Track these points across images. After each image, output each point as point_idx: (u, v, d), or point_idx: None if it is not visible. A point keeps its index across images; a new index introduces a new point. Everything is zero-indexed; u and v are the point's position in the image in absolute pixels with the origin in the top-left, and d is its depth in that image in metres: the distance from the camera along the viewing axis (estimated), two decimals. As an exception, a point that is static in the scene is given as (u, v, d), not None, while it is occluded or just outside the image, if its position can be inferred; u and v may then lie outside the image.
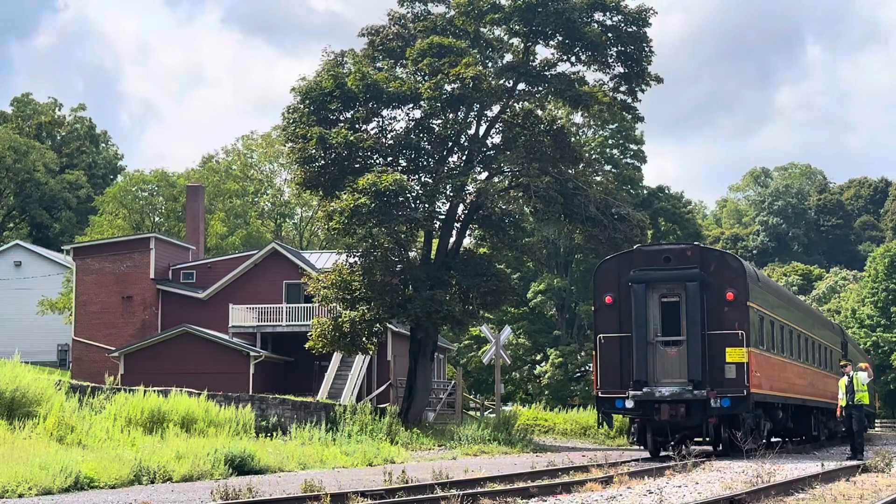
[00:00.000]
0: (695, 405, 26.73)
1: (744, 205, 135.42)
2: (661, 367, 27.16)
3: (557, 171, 38.89)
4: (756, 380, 27.33)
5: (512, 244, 41.17)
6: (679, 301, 27.29)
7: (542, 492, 16.61)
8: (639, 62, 40.06)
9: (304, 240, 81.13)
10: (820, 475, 18.99)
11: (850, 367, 27.83)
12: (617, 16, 39.72)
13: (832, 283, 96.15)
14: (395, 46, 40.64)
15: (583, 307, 65.05)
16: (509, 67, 40.21)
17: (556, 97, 41.49)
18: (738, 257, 30.10)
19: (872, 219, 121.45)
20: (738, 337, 26.82)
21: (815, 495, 16.11)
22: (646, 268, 27.64)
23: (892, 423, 72.98)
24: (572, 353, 65.75)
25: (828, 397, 36.69)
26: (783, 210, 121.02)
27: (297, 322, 49.85)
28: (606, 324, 27.99)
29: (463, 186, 38.19)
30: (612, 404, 27.51)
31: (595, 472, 20.82)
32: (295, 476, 21.08)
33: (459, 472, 20.40)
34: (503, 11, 39.41)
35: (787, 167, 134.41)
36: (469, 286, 38.62)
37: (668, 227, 70.25)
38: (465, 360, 69.29)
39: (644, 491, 16.68)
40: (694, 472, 21.10)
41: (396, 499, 14.99)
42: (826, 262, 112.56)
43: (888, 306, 75.34)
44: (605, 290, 28.14)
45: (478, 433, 35.68)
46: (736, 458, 25.40)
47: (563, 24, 38.62)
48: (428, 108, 38.28)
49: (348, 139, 37.06)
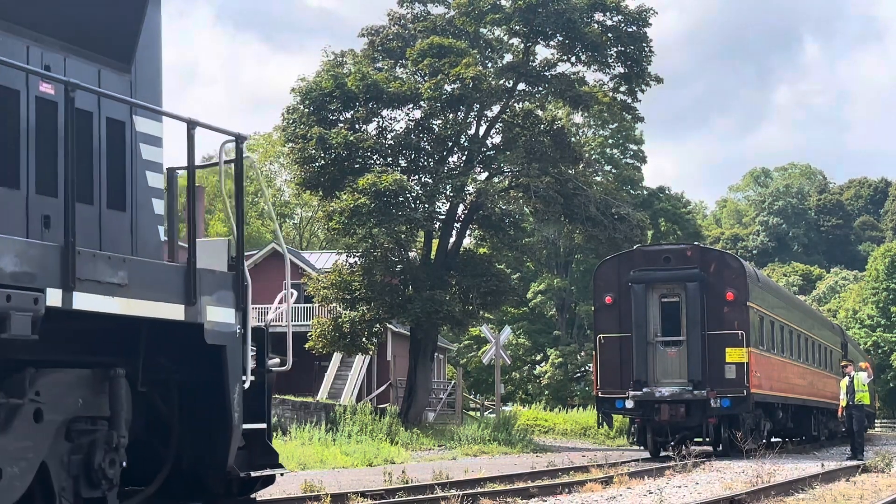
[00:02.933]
0: (695, 405, 26.74)
1: (744, 205, 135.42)
2: (661, 368, 27.18)
3: (557, 171, 38.88)
4: (756, 380, 27.35)
5: (512, 244, 41.14)
6: (679, 301, 27.30)
7: (542, 492, 16.62)
8: (639, 62, 40.09)
9: (304, 240, 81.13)
10: (820, 475, 19.00)
11: (852, 368, 27.84)
12: (617, 16, 39.75)
13: (832, 283, 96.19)
14: (395, 47, 40.64)
15: (583, 307, 65.06)
16: (509, 67, 40.21)
17: (556, 97, 41.50)
18: (738, 257, 30.13)
19: (872, 219, 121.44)
20: (738, 337, 26.83)
21: (815, 495, 16.11)
22: (646, 268, 27.64)
23: (892, 423, 73.00)
24: (572, 353, 65.77)
25: (828, 397, 36.71)
26: (783, 210, 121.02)
27: (297, 322, 49.89)
28: (606, 324, 28.00)
29: (463, 187, 38.18)
30: (612, 404, 27.53)
31: (595, 472, 20.83)
32: (295, 476, 21.08)
33: (459, 473, 20.40)
34: (503, 11, 39.42)
35: (787, 167, 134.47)
36: (469, 286, 38.60)
37: (668, 228, 70.27)
38: (465, 361, 69.30)
39: (644, 491, 16.68)
40: (694, 473, 21.11)
41: (396, 499, 14.99)
42: (826, 263, 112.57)
43: (888, 306, 75.35)
44: (605, 290, 28.15)
45: (478, 433, 35.68)
46: (736, 458, 25.40)
47: (563, 25, 38.61)
48: (428, 108, 38.28)
49: (348, 139, 37.05)
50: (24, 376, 7.34)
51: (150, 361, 8.46)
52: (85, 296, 7.22)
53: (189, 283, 8.12)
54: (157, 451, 8.69)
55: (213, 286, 8.42)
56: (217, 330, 8.40)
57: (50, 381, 7.57)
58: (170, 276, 8.08)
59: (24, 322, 6.69)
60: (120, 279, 7.50)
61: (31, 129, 7.70)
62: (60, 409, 7.66)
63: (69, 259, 7.09)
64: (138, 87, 8.77)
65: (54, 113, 7.84)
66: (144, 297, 7.70)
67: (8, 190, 7.45)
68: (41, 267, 6.93)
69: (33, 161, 7.70)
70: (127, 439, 8.14)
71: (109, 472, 8.01)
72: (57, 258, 7.05)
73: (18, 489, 7.19)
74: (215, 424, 8.52)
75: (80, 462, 7.84)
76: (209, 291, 8.35)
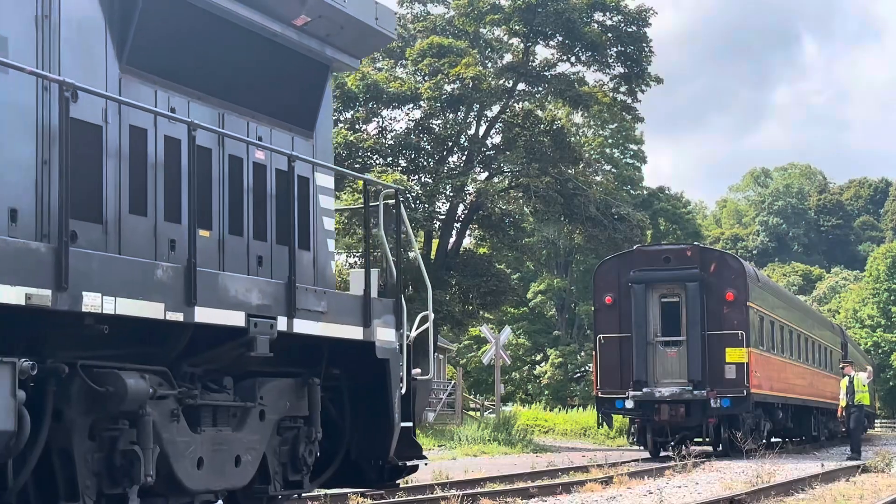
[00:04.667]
0: (695, 405, 26.74)
1: (744, 205, 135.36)
2: (660, 368, 27.17)
3: (557, 171, 38.89)
4: (756, 380, 27.35)
5: (512, 244, 41.17)
6: (679, 301, 27.30)
7: (542, 492, 16.61)
8: (639, 62, 40.12)
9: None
10: (820, 475, 18.99)
11: (851, 368, 27.86)
12: (617, 16, 39.77)
13: (833, 283, 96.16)
14: (394, 46, 40.65)
15: (583, 307, 65.06)
16: (509, 67, 40.23)
17: (556, 97, 41.53)
18: (738, 257, 30.11)
19: (872, 219, 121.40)
20: (738, 337, 26.83)
21: (815, 495, 16.11)
22: (646, 268, 27.64)
23: (892, 423, 72.97)
24: (572, 353, 65.77)
25: (828, 397, 36.70)
26: (783, 210, 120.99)
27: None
28: (606, 324, 28.00)
29: (463, 187, 38.19)
30: (612, 404, 27.53)
31: (595, 472, 20.82)
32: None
33: (459, 473, 20.39)
34: (503, 12, 39.44)
35: (787, 167, 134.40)
36: (469, 286, 38.61)
37: (668, 228, 70.26)
38: (464, 361, 69.28)
39: (644, 491, 16.68)
40: (694, 473, 21.10)
41: (396, 499, 14.98)
42: (826, 263, 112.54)
43: (888, 307, 75.34)
44: (605, 291, 28.15)
45: (478, 433, 35.65)
46: (736, 458, 25.39)
47: (563, 25, 38.63)
48: (428, 108, 38.30)
49: (348, 139, 37.06)
50: (253, 384, 9.43)
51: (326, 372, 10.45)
52: (301, 321, 9.39)
53: (366, 309, 10.32)
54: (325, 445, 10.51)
55: (380, 311, 10.59)
56: (384, 347, 10.53)
57: (269, 388, 9.62)
58: (352, 304, 10.28)
59: (265, 343, 8.84)
60: (322, 308, 9.69)
61: (249, 188, 9.77)
62: (275, 411, 9.70)
63: (292, 293, 9.26)
64: (317, 148, 10.88)
65: (264, 174, 9.95)
66: (337, 322, 9.91)
67: (236, 237, 9.57)
68: (274, 300, 9.08)
69: (251, 213, 9.77)
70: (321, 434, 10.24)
71: (308, 461, 10.18)
72: (283, 292, 9.20)
73: (250, 473, 9.32)
74: (379, 423, 10.60)
75: (287, 452, 9.98)
76: (378, 316, 10.52)
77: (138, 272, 7.82)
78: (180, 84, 9.14)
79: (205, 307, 8.30)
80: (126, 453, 8.04)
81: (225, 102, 9.63)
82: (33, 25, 7.87)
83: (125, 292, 7.62)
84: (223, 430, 9.08)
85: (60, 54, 8.05)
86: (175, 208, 8.89)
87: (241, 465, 9.18)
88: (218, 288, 8.51)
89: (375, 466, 10.86)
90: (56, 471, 7.81)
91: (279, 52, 10.18)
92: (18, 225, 7.56)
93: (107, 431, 8.03)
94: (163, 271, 8.02)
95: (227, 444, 9.07)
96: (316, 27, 10.46)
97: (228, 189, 9.49)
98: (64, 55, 8.07)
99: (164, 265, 8.11)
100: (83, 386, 7.73)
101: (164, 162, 8.84)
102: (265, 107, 10.11)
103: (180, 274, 8.15)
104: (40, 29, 7.91)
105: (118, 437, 8.04)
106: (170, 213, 8.85)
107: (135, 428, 8.07)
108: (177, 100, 9.08)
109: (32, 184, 7.73)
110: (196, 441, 8.72)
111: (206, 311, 8.32)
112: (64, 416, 7.73)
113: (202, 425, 8.87)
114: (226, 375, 9.23)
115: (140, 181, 8.62)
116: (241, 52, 9.74)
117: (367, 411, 10.67)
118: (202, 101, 9.36)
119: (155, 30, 8.74)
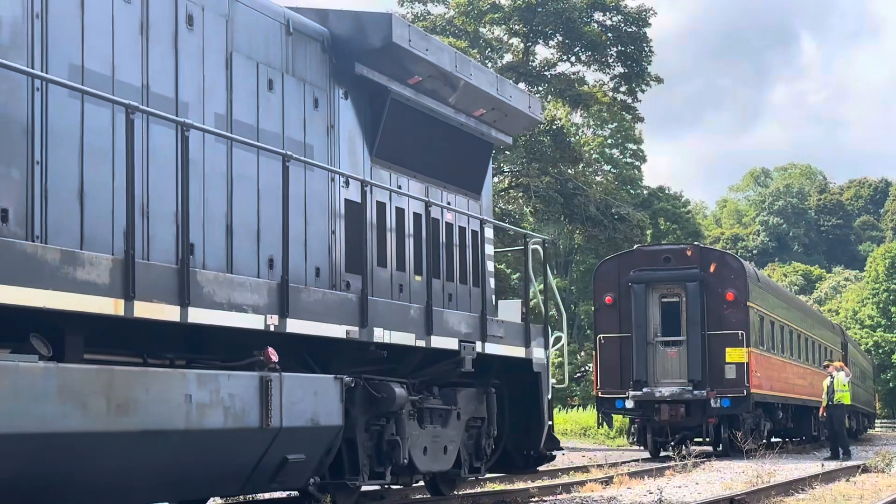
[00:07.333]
0: (695, 405, 26.72)
1: (744, 205, 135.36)
2: (661, 368, 27.16)
3: (557, 171, 38.90)
4: (756, 380, 27.34)
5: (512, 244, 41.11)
6: (679, 301, 27.29)
7: (541, 492, 16.58)
8: (638, 62, 40.11)
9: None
10: (820, 475, 18.97)
11: (833, 368, 27.90)
12: (617, 16, 39.76)
13: (834, 283, 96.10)
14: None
15: (583, 307, 65.01)
16: (509, 67, 40.21)
17: (556, 97, 41.52)
18: (738, 257, 30.10)
19: (872, 219, 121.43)
20: (739, 337, 26.81)
21: (815, 495, 16.10)
22: (646, 268, 27.63)
23: (892, 423, 72.93)
24: (572, 353, 65.77)
25: (828, 397, 36.65)
26: (783, 210, 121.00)
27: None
28: (606, 324, 27.99)
29: (463, 186, 38.17)
30: (612, 404, 27.52)
31: (595, 472, 20.80)
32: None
33: (459, 473, 20.33)
34: (503, 11, 39.43)
35: (787, 167, 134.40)
36: (469, 286, 38.60)
37: (668, 227, 70.19)
38: (465, 361, 69.21)
39: (644, 491, 16.67)
40: (694, 472, 21.08)
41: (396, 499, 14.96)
42: (826, 263, 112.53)
43: (888, 307, 75.31)
44: (605, 291, 28.14)
45: (478, 433, 35.62)
46: (736, 458, 25.38)
47: (562, 24, 38.64)
48: (428, 108, 38.31)
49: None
50: (454, 392, 12.63)
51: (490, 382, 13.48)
52: (490, 344, 12.77)
53: (526, 334, 13.78)
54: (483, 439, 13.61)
55: (535, 335, 13.95)
56: (538, 362, 13.94)
57: (462, 395, 12.84)
58: (517, 330, 13.64)
59: (469, 362, 12.16)
60: (501, 333, 13.13)
61: (443, 242, 12.96)
62: (466, 412, 12.90)
63: (484, 323, 12.71)
64: (483, 207, 14.20)
65: (451, 230, 13.20)
66: (510, 344, 13.36)
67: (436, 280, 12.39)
68: (474, 328, 12.49)
69: (445, 260, 12.95)
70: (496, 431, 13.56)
71: (487, 451, 13.50)
72: (478, 323, 12.65)
73: (452, 459, 12.68)
74: (532, 422, 14.01)
75: (472, 445, 13.26)
76: (534, 338, 13.88)
77: (401, 313, 11.14)
78: (403, 167, 12.33)
79: (436, 335, 11.60)
80: (390, 442, 11.24)
81: (429, 178, 12.84)
82: (325, 135, 11.10)
83: (394, 326, 10.89)
84: (437, 427, 12.22)
85: (340, 154, 11.28)
86: (402, 261, 12.11)
87: (448, 453, 12.50)
88: (443, 321, 11.82)
89: (525, 456, 14.31)
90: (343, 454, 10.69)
91: (463, 137, 13.43)
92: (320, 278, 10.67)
93: (374, 426, 11.12)
94: (413, 311, 11.39)
95: (439, 437, 12.30)
96: (488, 116, 13.67)
97: (432, 244, 12.36)
98: (342, 155, 11.32)
99: (414, 306, 11.45)
100: (365, 393, 10.80)
101: (395, 227, 12.00)
102: (452, 178, 13.33)
103: (421, 313, 11.49)
104: (329, 137, 11.16)
105: (383, 430, 11.18)
106: (399, 264, 12.04)
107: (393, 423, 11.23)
108: (401, 179, 12.33)
109: (327, 249, 10.91)
110: (423, 434, 11.95)
111: (437, 338, 11.62)
112: (351, 414, 10.59)
113: (425, 423, 12.00)
114: (433, 385, 12.28)
115: (382, 242, 11.74)
116: (441, 139, 12.97)
117: (521, 413, 13.95)
118: (415, 178, 12.59)
119: (391, 132, 11.91)
